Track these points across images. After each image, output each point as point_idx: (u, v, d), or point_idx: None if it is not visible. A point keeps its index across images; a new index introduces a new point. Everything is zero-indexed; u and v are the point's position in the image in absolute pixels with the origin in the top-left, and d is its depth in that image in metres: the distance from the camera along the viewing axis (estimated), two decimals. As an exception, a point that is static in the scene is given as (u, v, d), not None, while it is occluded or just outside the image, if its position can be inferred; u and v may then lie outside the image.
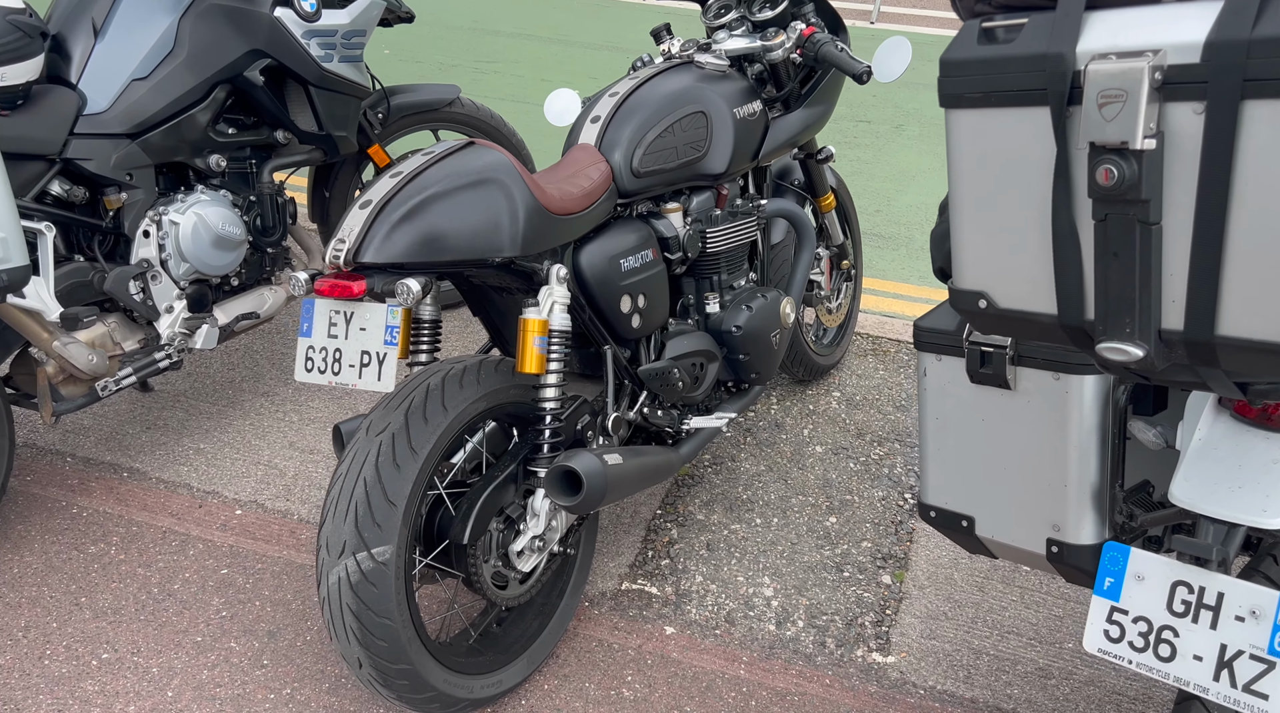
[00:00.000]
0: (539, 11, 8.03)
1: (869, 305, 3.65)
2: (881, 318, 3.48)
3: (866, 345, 3.28)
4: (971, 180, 1.01)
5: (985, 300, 1.07)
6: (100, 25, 2.38)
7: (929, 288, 3.85)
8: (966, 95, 0.98)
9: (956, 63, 0.98)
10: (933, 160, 5.15)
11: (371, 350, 1.65)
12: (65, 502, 2.49)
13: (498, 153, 1.81)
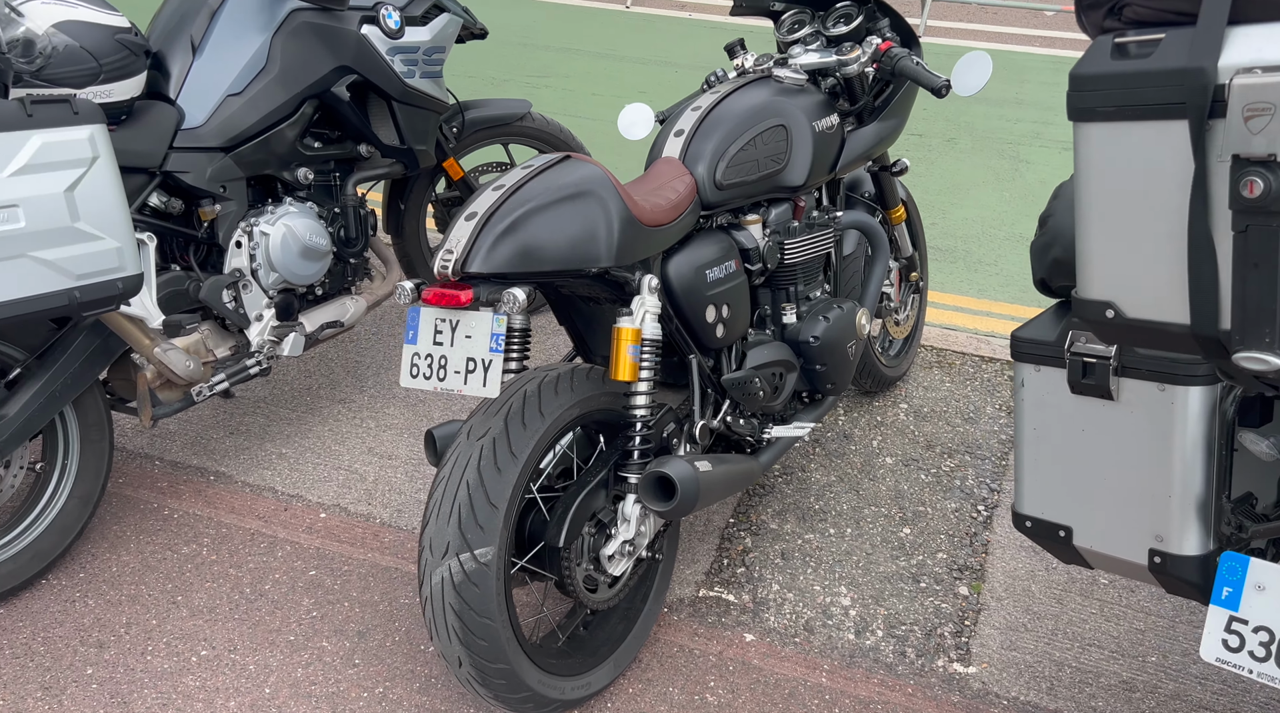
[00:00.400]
0: (585, 27, 8.12)
1: (929, 318, 3.66)
2: (944, 331, 3.48)
3: (931, 358, 3.29)
4: (1101, 192, 1.04)
5: (1113, 310, 1.09)
6: (198, 43, 2.47)
7: (987, 301, 3.85)
8: (1098, 109, 1.00)
9: (1088, 77, 1.01)
10: (986, 174, 5.15)
11: (477, 357, 1.70)
12: (157, 504, 2.57)
13: (594, 166, 1.85)
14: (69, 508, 2.28)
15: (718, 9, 8.75)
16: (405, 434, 2.89)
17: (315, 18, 2.56)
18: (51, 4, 2.16)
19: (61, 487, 2.27)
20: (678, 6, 8.87)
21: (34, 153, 1.79)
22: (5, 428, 2.09)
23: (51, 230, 1.83)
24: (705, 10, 8.74)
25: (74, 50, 2.16)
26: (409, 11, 2.77)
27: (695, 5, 8.89)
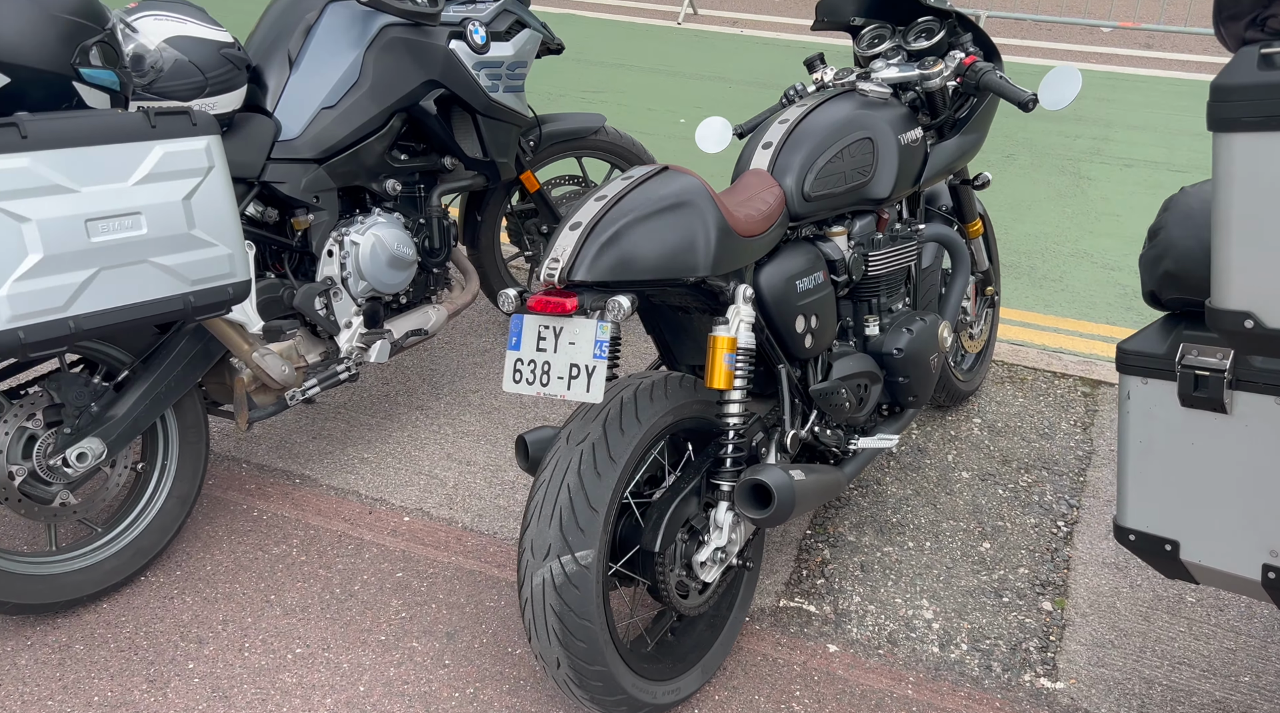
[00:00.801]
0: (637, 43, 8.19)
1: (998, 333, 3.65)
2: (1013, 346, 3.47)
3: (1003, 373, 3.28)
4: (1243, 202, 1.05)
5: (1252, 320, 1.10)
6: (295, 57, 2.55)
7: (1054, 317, 3.83)
8: (1243, 119, 1.01)
9: (1233, 88, 1.03)
10: (1046, 190, 5.12)
11: (580, 363, 1.74)
12: (246, 505, 2.63)
13: (692, 177, 1.89)
14: (168, 507, 2.35)
15: (769, 26, 8.78)
16: (482, 441, 2.93)
17: (406, 33, 2.63)
18: (164, 20, 2.25)
19: (161, 486, 2.34)
20: (729, 23, 8.91)
21: (156, 162, 1.87)
22: (114, 429, 2.16)
23: (170, 237, 1.90)
24: (757, 27, 8.77)
25: (183, 64, 2.24)
26: (494, 27, 2.83)
27: (747, 22, 8.93)
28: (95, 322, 1.81)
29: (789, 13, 9.23)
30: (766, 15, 9.13)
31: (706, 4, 9.35)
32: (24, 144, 1.70)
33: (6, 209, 1.68)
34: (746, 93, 6.75)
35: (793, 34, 8.53)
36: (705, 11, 9.21)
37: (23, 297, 1.71)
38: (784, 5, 9.54)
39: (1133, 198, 4.99)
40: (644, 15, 9.07)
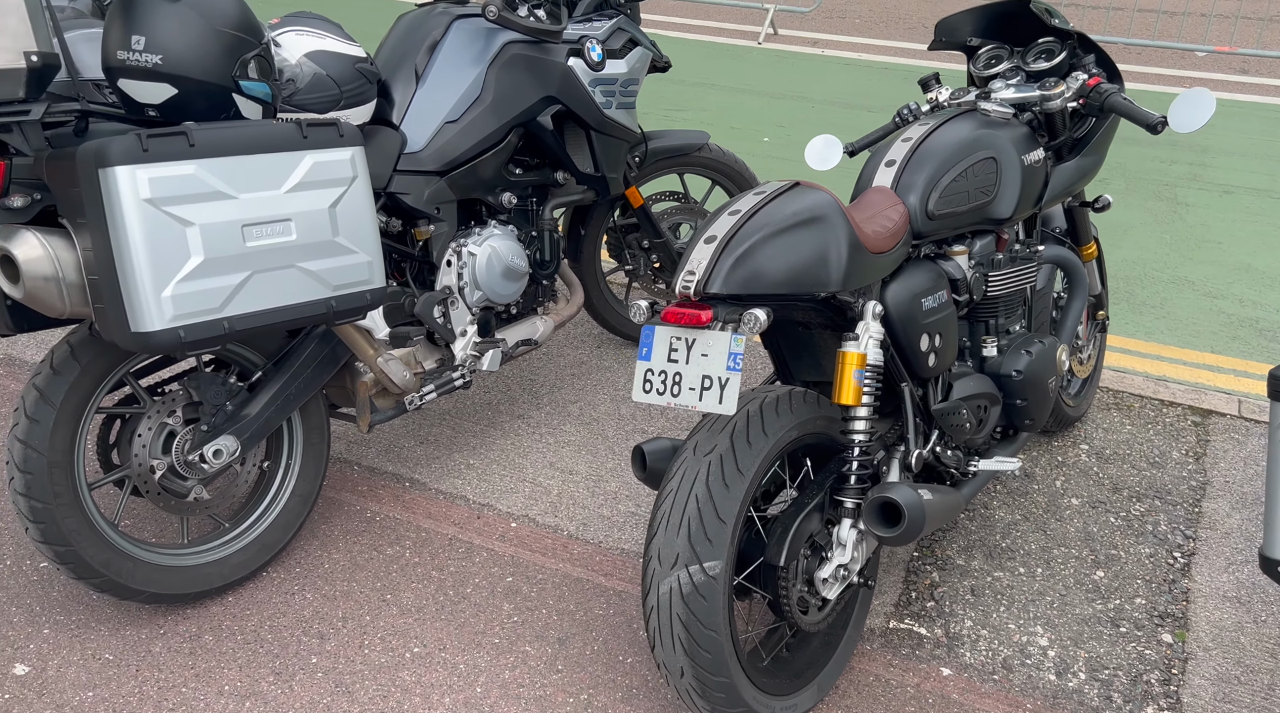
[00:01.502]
0: (718, 62, 8.23)
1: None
2: (1118, 372, 3.41)
3: (1108, 399, 3.22)
4: None
5: None
6: (422, 72, 2.62)
7: (1156, 344, 3.75)
8: None
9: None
10: (1144, 215, 5.02)
11: (713, 375, 1.76)
12: (359, 506, 2.70)
13: (823, 193, 1.90)
14: (291, 505, 2.42)
15: (849, 46, 8.77)
16: (583, 451, 2.97)
17: (527, 50, 2.69)
18: (304, 35, 2.34)
19: (285, 484, 2.42)
20: (809, 44, 8.92)
21: (306, 171, 1.94)
22: (247, 427, 2.24)
23: (316, 243, 1.97)
24: (837, 47, 8.77)
25: (320, 78, 2.32)
26: (609, 45, 2.89)
27: (827, 42, 8.93)
28: (246, 323, 1.88)
29: (869, 34, 9.21)
30: (847, 36, 9.13)
31: (787, 24, 9.37)
32: (191, 152, 1.78)
33: (174, 213, 1.76)
34: (830, 112, 6.74)
35: (873, 54, 8.51)
36: (785, 32, 9.23)
37: (184, 297, 1.79)
38: (864, 26, 9.52)
39: (1233, 226, 4.87)
40: (725, 35, 9.13)
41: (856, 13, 10.14)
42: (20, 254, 1.79)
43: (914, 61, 8.27)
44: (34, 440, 2.00)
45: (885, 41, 8.99)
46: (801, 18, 9.51)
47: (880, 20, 9.76)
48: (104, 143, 1.72)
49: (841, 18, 9.89)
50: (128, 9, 1.87)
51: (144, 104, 1.90)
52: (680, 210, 3.41)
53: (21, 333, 2.13)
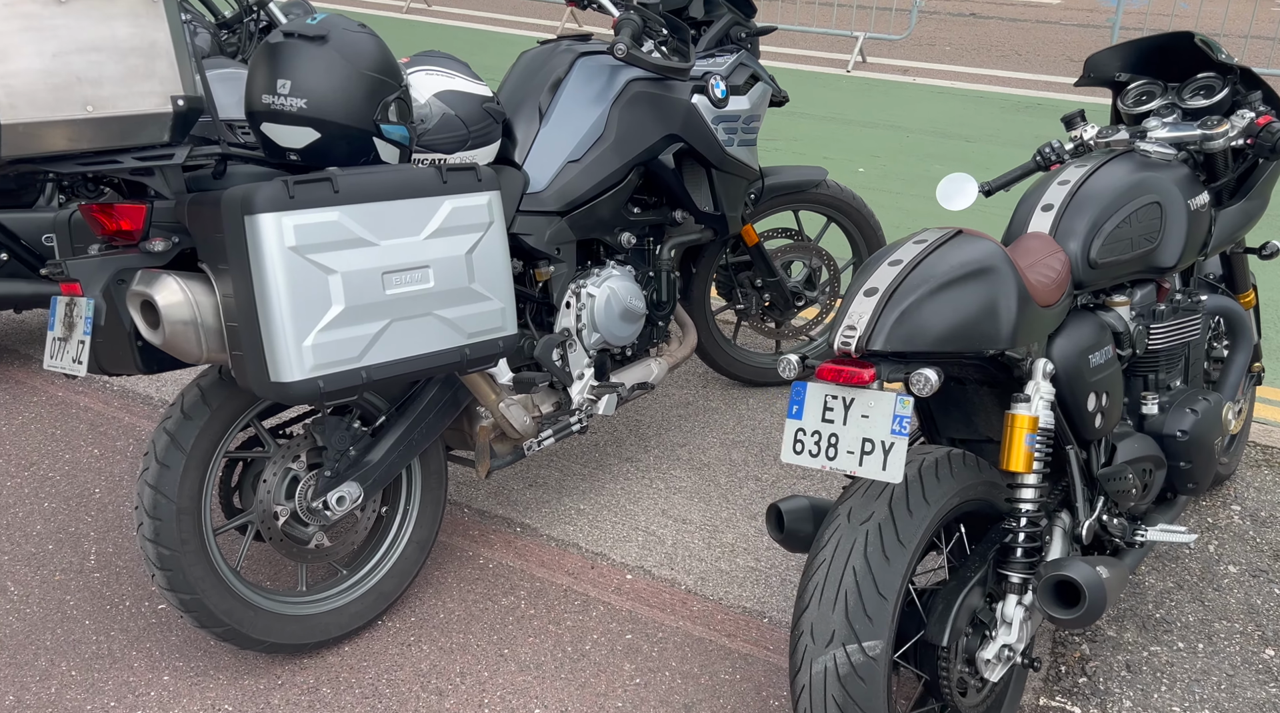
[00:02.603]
0: (808, 90, 8.12)
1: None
2: (1264, 425, 3.19)
3: (1257, 455, 3.01)
4: None
5: None
6: (545, 111, 2.57)
7: (1299, 394, 3.51)
8: None
9: None
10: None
11: (875, 438, 1.64)
12: (471, 552, 2.63)
13: (989, 242, 1.78)
14: (408, 553, 2.36)
15: (939, 74, 8.59)
16: (695, 498, 2.86)
17: (651, 88, 2.63)
18: (434, 75, 2.30)
19: (403, 531, 2.36)
20: (899, 71, 8.77)
21: (445, 217, 1.89)
22: (370, 473, 2.18)
23: (453, 290, 1.91)
24: (927, 75, 8.60)
25: (449, 118, 2.28)
26: (732, 81, 2.81)
27: (918, 70, 8.76)
28: (384, 373, 1.83)
29: (960, 61, 9.02)
30: (937, 64, 8.95)
31: (876, 52, 9.23)
32: (335, 198, 1.74)
33: (317, 261, 1.72)
34: (924, 142, 6.58)
35: (965, 82, 8.33)
36: (875, 59, 9.09)
37: (325, 346, 1.74)
38: (954, 54, 9.33)
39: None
40: (813, 64, 9.02)
41: (947, 40, 9.96)
42: (162, 300, 1.76)
43: (1008, 90, 8.06)
44: (164, 486, 1.97)
45: (977, 69, 8.79)
46: (890, 45, 9.36)
47: (971, 48, 9.57)
48: (250, 189, 1.68)
49: (931, 45, 9.72)
50: (273, 53, 1.84)
51: (286, 148, 1.87)
52: (794, 248, 3.30)
53: (151, 374, 2.11)
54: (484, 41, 9.59)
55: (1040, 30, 10.40)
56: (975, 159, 6.21)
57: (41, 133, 1.64)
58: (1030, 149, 6.44)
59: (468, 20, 10.62)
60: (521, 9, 11.05)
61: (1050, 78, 8.45)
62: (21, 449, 3.01)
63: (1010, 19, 11.18)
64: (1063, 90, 8.04)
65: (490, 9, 11.14)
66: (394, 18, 10.67)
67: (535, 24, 10.36)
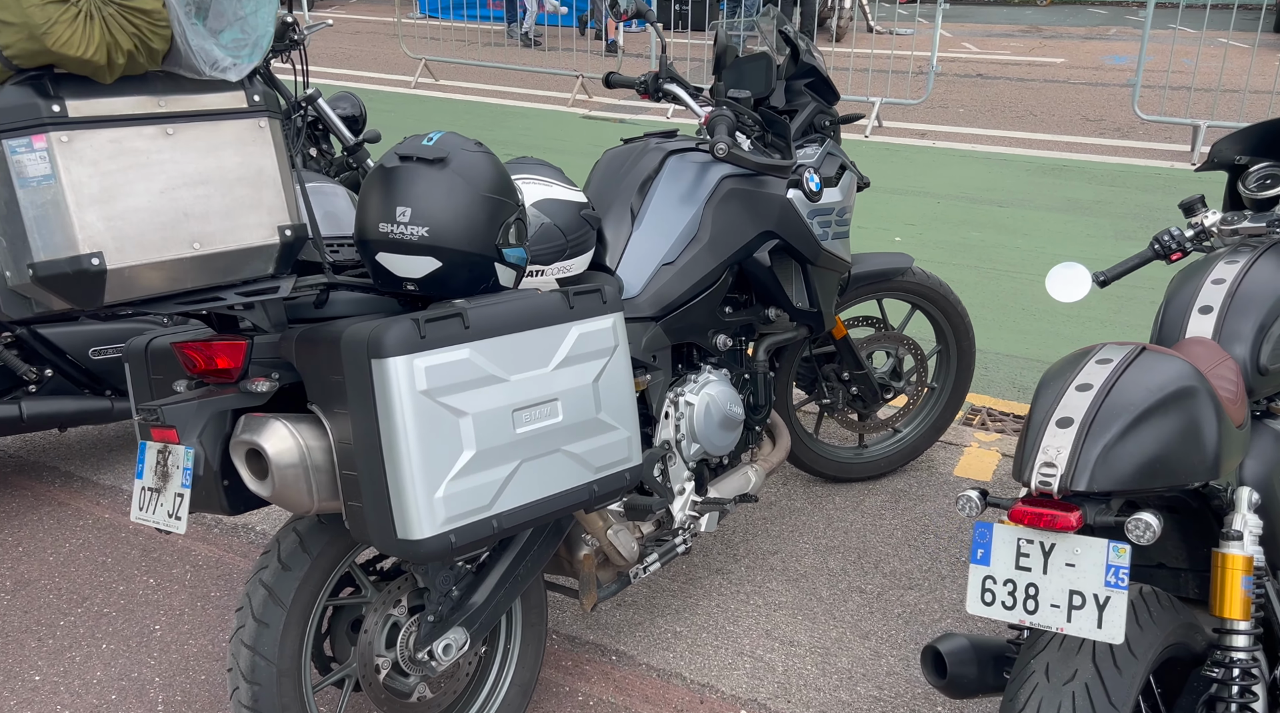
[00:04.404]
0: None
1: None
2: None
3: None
4: None
5: None
6: (637, 213, 2.44)
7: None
8: None
9: None
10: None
11: (1086, 591, 1.47)
12: (569, 687, 2.43)
13: (1178, 359, 1.63)
14: (510, 698, 2.16)
15: (958, 137, 8.56)
16: (799, 616, 2.67)
17: (745, 184, 2.50)
18: (532, 183, 2.17)
19: (504, 674, 2.16)
20: (918, 135, 8.74)
21: (573, 344, 1.73)
22: (476, 616, 1.99)
23: (581, 423, 1.75)
24: (946, 138, 8.57)
25: (548, 228, 2.14)
26: (824, 173, 2.68)
27: (935, 134, 8.74)
28: (514, 519, 1.66)
29: (975, 123, 9.01)
30: (953, 127, 8.93)
31: (891, 116, 9.23)
32: (466, 335, 1.59)
33: (448, 404, 1.56)
34: (957, 208, 6.49)
35: (984, 144, 8.29)
36: (890, 124, 9.08)
37: (456, 497, 1.57)
38: (968, 116, 9.33)
39: None
40: (831, 130, 9.00)
41: (959, 102, 9.98)
42: (272, 449, 1.60)
43: (1029, 152, 8.02)
44: (263, 647, 1.78)
45: (994, 131, 8.78)
46: (905, 109, 9.36)
47: (984, 110, 9.57)
48: (378, 330, 1.52)
49: (944, 108, 9.73)
50: (390, 178, 1.70)
51: (403, 278, 1.71)
52: (878, 338, 3.15)
53: (238, 514, 1.93)
54: (498, 115, 9.57)
55: (1050, 90, 10.44)
56: (1011, 225, 6.12)
57: (145, 275, 1.49)
58: (1064, 212, 6.36)
59: (475, 94, 10.64)
60: (529, 81, 11.09)
61: (1070, 138, 8.42)
62: (72, 581, 2.81)
63: (1017, 79, 11.25)
64: (1084, 151, 8.01)
65: (496, 82, 11.18)
66: (402, 93, 10.69)
67: (545, 96, 10.37)
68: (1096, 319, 4.62)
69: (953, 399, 3.30)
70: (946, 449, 3.47)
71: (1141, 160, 7.62)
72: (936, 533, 3.01)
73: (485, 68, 11.40)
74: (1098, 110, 9.39)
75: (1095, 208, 6.43)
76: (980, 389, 3.97)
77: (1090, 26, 14.58)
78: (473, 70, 11.54)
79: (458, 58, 11.52)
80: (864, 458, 3.26)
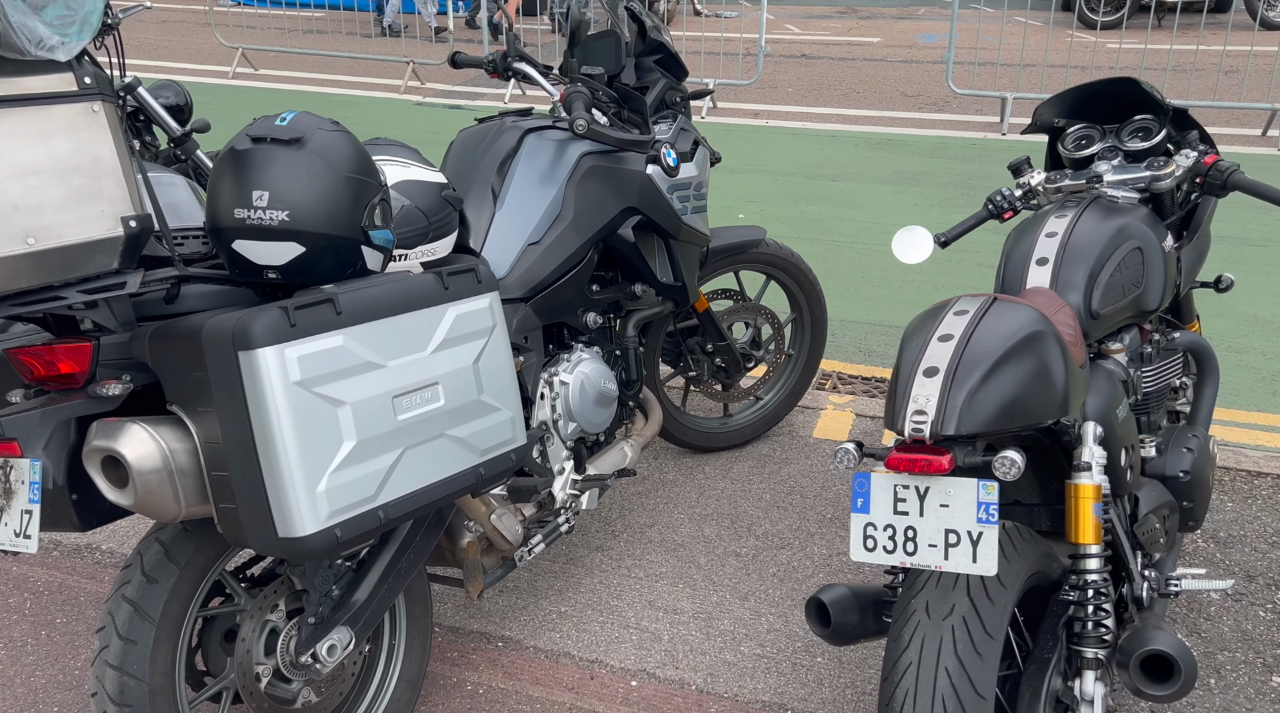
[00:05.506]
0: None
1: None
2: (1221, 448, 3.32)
3: (1198, 474, 3.13)
4: None
5: None
6: (499, 193, 2.40)
7: (1257, 412, 3.70)
8: None
9: None
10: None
11: (960, 529, 1.56)
12: (456, 678, 2.38)
13: (1027, 307, 1.74)
14: (399, 694, 2.10)
15: (790, 116, 8.84)
16: (680, 584, 2.71)
17: (605, 161, 2.50)
18: (390, 164, 2.10)
19: (391, 671, 2.10)
20: (751, 114, 8.98)
21: (450, 326, 1.69)
22: (360, 614, 1.92)
23: (464, 406, 1.71)
24: (778, 118, 8.84)
25: (409, 211, 2.08)
26: (679, 148, 2.72)
27: (768, 113, 9.00)
28: (401, 508, 1.61)
29: (804, 102, 9.33)
30: (784, 105, 9.22)
31: (725, 97, 9.43)
32: (338, 321, 1.52)
33: (325, 394, 1.49)
34: (795, 184, 6.72)
35: (815, 123, 8.60)
36: (725, 104, 9.28)
37: (340, 489, 1.51)
38: (797, 95, 9.65)
39: (1238, 276, 4.94)
40: (668, 111, 9.11)
41: (788, 82, 10.29)
42: (132, 455, 1.49)
43: (856, 128, 8.37)
44: (132, 666, 1.66)
45: (822, 109, 9.11)
46: (738, 90, 9.58)
47: (811, 89, 9.92)
48: (244, 320, 1.44)
49: (774, 88, 10.02)
50: (242, 161, 1.60)
51: (264, 266, 1.62)
52: (737, 309, 3.23)
53: (90, 529, 1.80)
54: (327, 105, 9.20)
55: (870, 68, 10.92)
56: (845, 198, 6.38)
57: (-28, 274, 1.35)
58: (892, 184, 6.68)
59: (300, 84, 10.19)
60: (357, 69, 10.71)
61: (892, 113, 8.83)
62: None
63: (839, 58, 11.70)
64: (906, 125, 8.42)
65: (323, 70, 10.74)
66: (220, 84, 10.12)
67: (376, 84, 10.05)
68: (931, 282, 4.89)
69: (809, 365, 3.42)
70: (805, 413, 3.60)
71: (957, 133, 8.08)
72: (803, 493, 3.13)
73: (310, 56, 10.92)
74: (915, 86, 9.88)
75: (920, 178, 6.78)
76: (831, 355, 4.14)
77: (901, 7, 15.32)
78: (296, 59, 11.04)
79: (278, 46, 10.99)
80: (730, 427, 3.34)
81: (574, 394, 2.42)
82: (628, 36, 2.77)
